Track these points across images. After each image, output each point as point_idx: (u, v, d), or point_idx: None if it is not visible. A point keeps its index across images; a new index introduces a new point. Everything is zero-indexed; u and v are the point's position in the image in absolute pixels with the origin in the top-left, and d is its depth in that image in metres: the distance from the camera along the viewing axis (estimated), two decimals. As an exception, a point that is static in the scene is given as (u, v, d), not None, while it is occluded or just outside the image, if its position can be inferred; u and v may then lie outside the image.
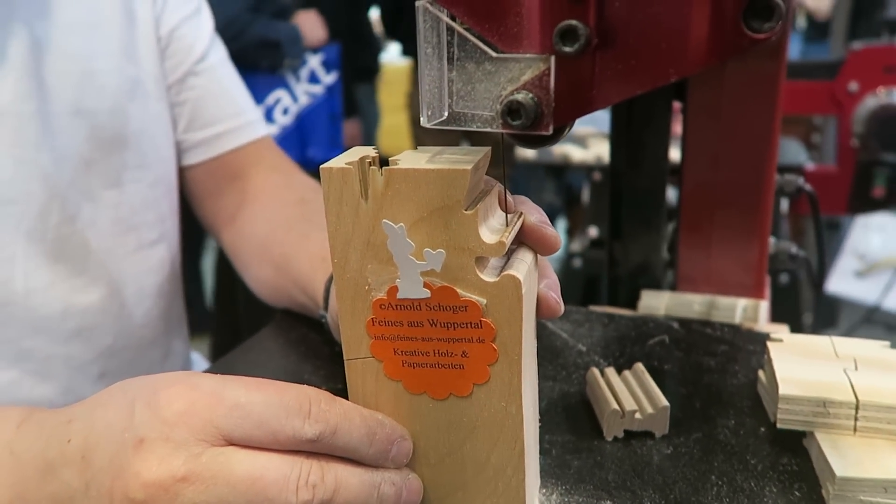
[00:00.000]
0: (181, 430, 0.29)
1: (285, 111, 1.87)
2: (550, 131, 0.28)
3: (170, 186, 0.64)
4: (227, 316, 1.89)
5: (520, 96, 0.28)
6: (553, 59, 0.27)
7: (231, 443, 0.30)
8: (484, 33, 0.29)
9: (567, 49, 0.26)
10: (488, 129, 0.30)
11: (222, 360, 0.55)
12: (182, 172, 0.67)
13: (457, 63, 0.30)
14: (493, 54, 0.29)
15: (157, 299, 0.63)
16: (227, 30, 1.80)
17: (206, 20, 0.67)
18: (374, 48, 2.45)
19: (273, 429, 0.30)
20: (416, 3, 0.30)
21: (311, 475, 0.30)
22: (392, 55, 3.29)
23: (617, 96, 0.27)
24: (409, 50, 2.51)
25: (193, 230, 0.73)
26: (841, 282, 2.09)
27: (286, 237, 0.60)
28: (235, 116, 0.67)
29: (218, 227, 0.69)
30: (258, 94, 1.84)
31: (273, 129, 1.85)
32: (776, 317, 0.68)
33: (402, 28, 2.47)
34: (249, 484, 0.29)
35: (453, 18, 0.29)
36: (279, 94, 1.86)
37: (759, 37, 0.24)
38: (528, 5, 0.27)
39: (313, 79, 1.91)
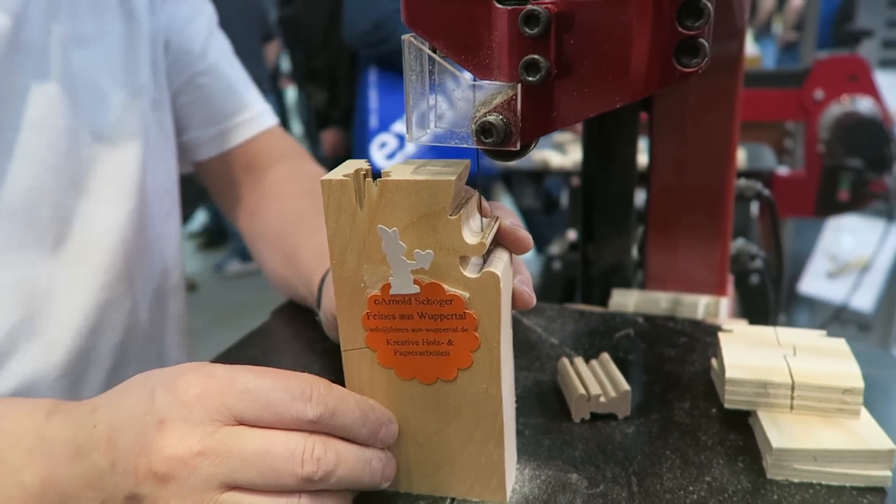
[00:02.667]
0: (198, 411, 0.33)
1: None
2: (518, 147, 0.33)
3: (174, 187, 0.68)
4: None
5: (491, 118, 0.32)
6: (520, 86, 0.32)
7: (242, 423, 0.33)
8: (461, 63, 0.33)
9: (531, 79, 0.31)
10: (465, 146, 0.34)
11: (221, 354, 0.59)
12: (199, 167, 0.71)
13: (437, 88, 0.34)
14: (469, 82, 0.33)
15: (163, 297, 0.66)
16: (375, 33, 1.70)
17: (206, 19, 0.69)
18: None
19: (279, 410, 0.34)
20: (402, 37, 0.35)
21: (316, 449, 0.33)
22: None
23: (574, 118, 0.32)
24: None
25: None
26: (813, 282, 2.15)
27: (296, 230, 0.63)
28: (243, 110, 0.70)
29: (237, 217, 0.73)
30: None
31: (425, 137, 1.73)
32: (748, 316, 0.73)
33: None
34: (259, 456, 0.32)
35: (434, 50, 0.34)
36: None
37: (688, 71, 0.29)
38: (498, 41, 0.32)
39: None
